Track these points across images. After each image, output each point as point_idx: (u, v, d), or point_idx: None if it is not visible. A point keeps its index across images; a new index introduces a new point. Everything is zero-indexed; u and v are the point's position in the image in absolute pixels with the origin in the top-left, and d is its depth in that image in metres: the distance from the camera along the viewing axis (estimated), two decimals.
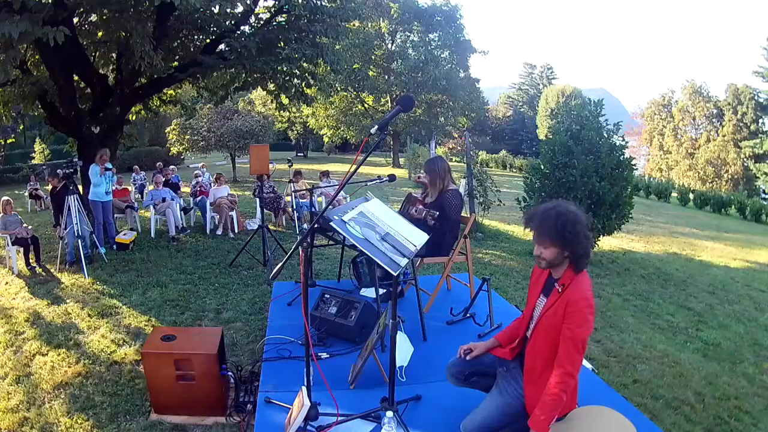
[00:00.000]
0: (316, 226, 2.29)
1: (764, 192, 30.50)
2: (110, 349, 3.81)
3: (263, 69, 7.49)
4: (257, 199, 7.18)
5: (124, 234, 6.91)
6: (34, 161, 22.35)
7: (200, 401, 2.86)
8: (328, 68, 8.18)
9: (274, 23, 7.76)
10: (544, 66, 55.48)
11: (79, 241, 5.71)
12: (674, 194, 23.69)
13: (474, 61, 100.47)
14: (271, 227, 7.86)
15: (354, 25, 19.07)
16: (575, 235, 1.95)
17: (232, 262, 6.11)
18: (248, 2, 7.04)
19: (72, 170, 5.97)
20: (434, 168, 3.95)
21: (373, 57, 24.69)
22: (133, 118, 9.67)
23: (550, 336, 2.02)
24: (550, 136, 7.73)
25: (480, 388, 2.36)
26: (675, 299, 6.23)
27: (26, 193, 11.69)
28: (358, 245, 2.23)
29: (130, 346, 3.86)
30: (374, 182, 4.52)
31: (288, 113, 23.02)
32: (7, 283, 5.53)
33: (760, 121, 33.57)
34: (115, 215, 7.59)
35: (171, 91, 9.68)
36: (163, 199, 7.81)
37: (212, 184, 9.21)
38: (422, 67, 23.12)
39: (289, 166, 9.12)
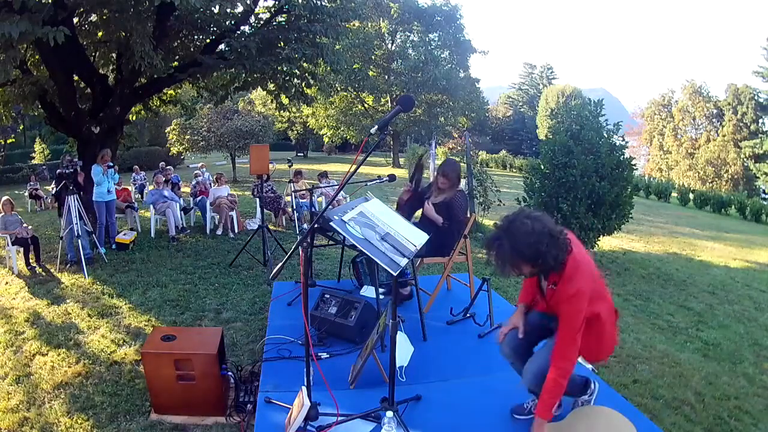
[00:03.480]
0: (316, 226, 2.29)
1: (764, 192, 30.48)
2: (110, 349, 3.81)
3: (263, 69, 7.48)
4: (257, 199, 7.18)
5: (124, 234, 6.91)
6: (34, 161, 22.32)
7: (200, 401, 2.86)
8: (328, 68, 8.18)
9: (274, 23, 7.76)
10: (544, 66, 55.50)
11: (79, 241, 5.71)
12: (674, 194, 23.70)
13: (474, 61, 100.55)
14: (271, 227, 7.86)
15: (354, 25, 19.07)
16: (533, 252, 1.97)
17: (232, 262, 6.11)
18: (248, 2, 7.03)
19: (72, 170, 5.98)
20: (456, 172, 3.92)
21: (373, 57, 24.69)
22: (133, 118, 9.66)
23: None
24: (550, 136, 7.73)
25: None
26: (675, 299, 6.23)
27: (26, 193, 11.69)
28: (358, 245, 2.23)
29: (130, 346, 3.86)
30: (374, 182, 4.52)
31: (288, 113, 23.03)
32: (7, 283, 5.53)
33: (760, 121, 33.56)
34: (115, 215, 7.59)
35: (171, 91, 9.66)
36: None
37: (212, 184, 9.21)
38: (422, 67, 23.13)
39: (289, 166, 9.10)
